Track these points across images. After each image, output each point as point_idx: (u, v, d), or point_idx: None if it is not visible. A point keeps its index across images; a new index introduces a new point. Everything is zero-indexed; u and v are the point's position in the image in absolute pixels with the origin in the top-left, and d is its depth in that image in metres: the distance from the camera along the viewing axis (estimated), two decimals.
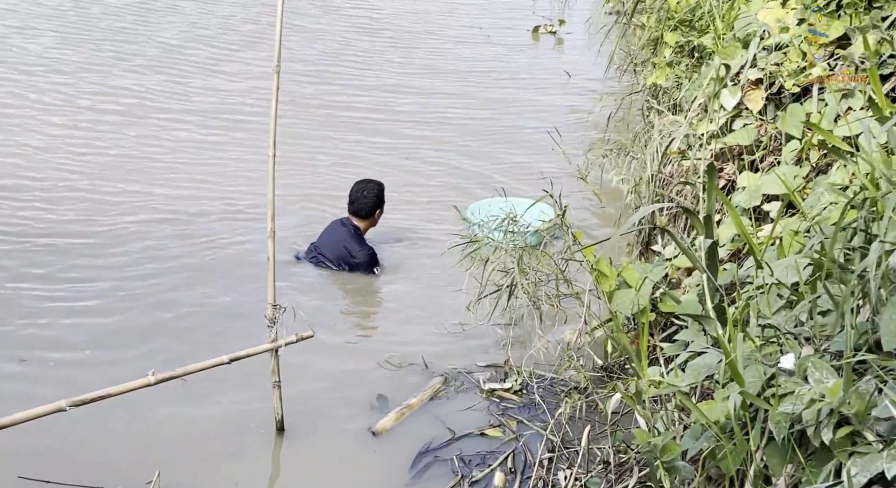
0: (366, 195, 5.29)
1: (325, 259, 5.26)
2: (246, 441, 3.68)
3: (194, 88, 8.16)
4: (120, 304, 4.67)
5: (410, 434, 3.74)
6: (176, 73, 8.48)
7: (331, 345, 4.32)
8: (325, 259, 5.26)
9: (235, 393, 3.93)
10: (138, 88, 7.97)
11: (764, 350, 2.47)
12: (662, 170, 4.69)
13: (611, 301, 3.81)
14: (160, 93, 7.96)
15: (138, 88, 7.97)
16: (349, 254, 5.21)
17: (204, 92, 8.09)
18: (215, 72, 8.65)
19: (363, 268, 5.22)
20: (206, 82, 8.34)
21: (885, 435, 1.93)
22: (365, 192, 5.29)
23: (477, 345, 4.40)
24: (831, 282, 2.37)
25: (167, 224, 5.63)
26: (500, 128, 7.81)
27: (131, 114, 7.40)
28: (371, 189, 5.32)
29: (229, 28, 10.07)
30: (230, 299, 4.81)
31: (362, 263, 5.21)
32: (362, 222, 5.34)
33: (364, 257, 5.21)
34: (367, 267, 5.22)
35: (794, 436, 2.17)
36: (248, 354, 3.44)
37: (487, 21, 11.51)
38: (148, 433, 3.68)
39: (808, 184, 3.57)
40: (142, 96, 7.83)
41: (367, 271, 5.23)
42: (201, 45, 9.40)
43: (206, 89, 8.17)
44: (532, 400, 3.94)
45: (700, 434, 2.53)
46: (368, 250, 5.26)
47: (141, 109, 7.53)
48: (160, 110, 7.55)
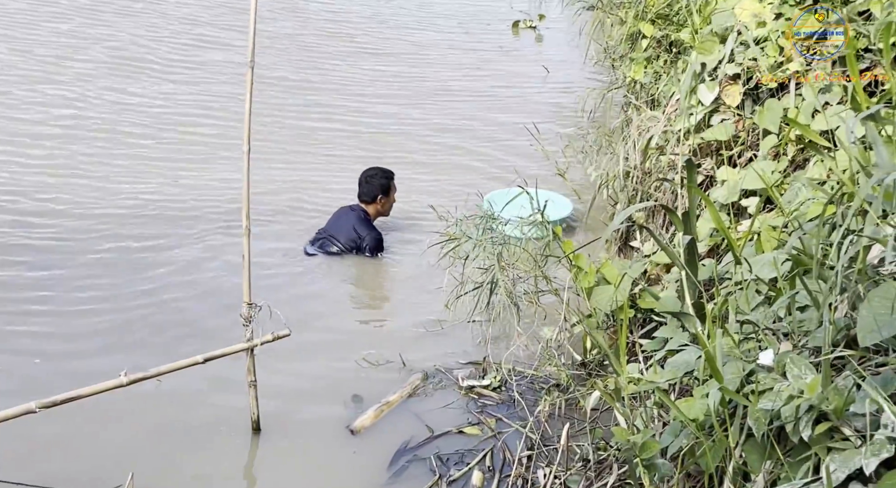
0: (371, 180, 5.56)
1: (334, 242, 5.42)
2: (221, 442, 3.64)
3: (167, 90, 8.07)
4: (92, 304, 4.62)
5: (389, 432, 3.72)
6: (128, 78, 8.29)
7: (308, 344, 4.28)
8: (335, 241, 5.41)
9: (210, 393, 3.89)
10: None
11: (743, 346, 2.48)
12: (640, 166, 4.70)
13: (590, 298, 3.82)
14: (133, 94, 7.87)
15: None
16: (358, 236, 5.40)
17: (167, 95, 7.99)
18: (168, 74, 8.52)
19: (369, 251, 5.41)
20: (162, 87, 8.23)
21: (863, 431, 1.94)
22: (370, 178, 5.57)
23: (455, 343, 4.39)
24: (809, 277, 2.38)
25: (132, 220, 5.59)
26: (478, 123, 7.79)
27: (80, 117, 7.25)
28: (377, 175, 5.59)
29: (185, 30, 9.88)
30: (206, 297, 4.77)
31: (369, 245, 5.40)
32: (369, 207, 5.58)
33: (371, 240, 5.41)
34: (373, 250, 5.42)
35: (773, 433, 2.18)
36: (223, 353, 3.41)
37: (465, 15, 11.48)
38: (121, 434, 3.64)
39: (786, 180, 3.60)
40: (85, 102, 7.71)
41: (372, 255, 5.41)
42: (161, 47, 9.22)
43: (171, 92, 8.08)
44: (511, 398, 3.94)
45: (679, 431, 2.54)
46: (376, 234, 5.47)
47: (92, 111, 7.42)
48: (114, 113, 7.40)
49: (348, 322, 4.78)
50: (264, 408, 3.66)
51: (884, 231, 2.13)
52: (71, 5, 9.94)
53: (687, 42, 5.00)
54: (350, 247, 5.40)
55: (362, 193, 5.58)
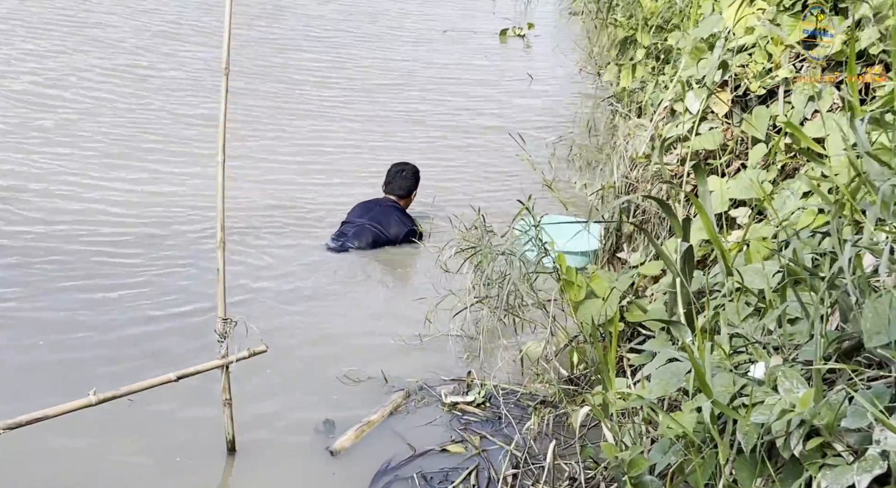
0: (404, 175, 5.84)
1: (382, 231, 5.58)
2: (195, 463, 3.58)
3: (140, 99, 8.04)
4: (57, 316, 4.57)
5: (370, 452, 3.68)
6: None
7: (286, 360, 4.25)
8: (383, 231, 5.58)
9: (183, 412, 3.84)
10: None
11: (733, 359, 2.47)
12: (629, 175, 4.70)
13: (577, 311, 3.81)
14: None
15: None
16: (402, 223, 5.66)
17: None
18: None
19: (413, 235, 5.70)
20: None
21: (855, 447, 1.93)
22: (404, 172, 5.84)
23: (438, 357, 4.36)
24: (801, 288, 2.37)
25: (105, 227, 5.57)
26: (462, 132, 7.82)
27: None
28: (411, 169, 5.88)
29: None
30: (179, 313, 4.72)
31: (412, 230, 5.69)
32: (401, 200, 5.85)
33: (415, 230, 5.71)
34: (414, 234, 5.71)
35: (764, 449, 2.17)
36: (196, 371, 3.36)
37: (448, 23, 11.53)
38: (90, 456, 3.57)
39: (775, 189, 3.60)
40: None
41: (414, 237, 5.69)
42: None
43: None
44: (496, 414, 3.91)
45: (668, 447, 2.52)
46: (417, 225, 5.79)
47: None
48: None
49: (329, 336, 4.73)
50: (240, 428, 3.60)
51: (878, 238, 2.13)
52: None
53: (676, 48, 5.02)
54: (396, 238, 5.61)
55: (396, 187, 5.81)
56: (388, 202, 5.77)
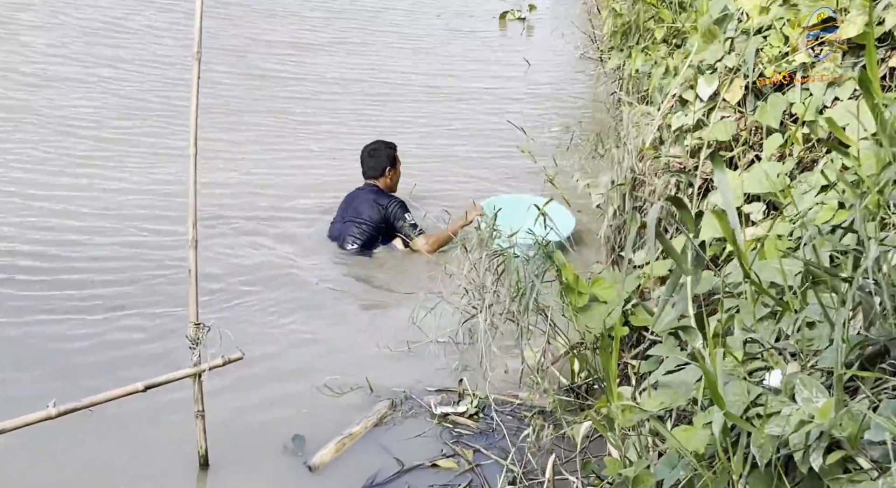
0: (375, 154, 5.80)
1: (358, 222, 5.58)
2: (164, 479, 3.56)
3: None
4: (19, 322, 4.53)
5: (352, 467, 3.66)
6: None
7: (263, 368, 4.22)
8: (359, 222, 5.57)
9: (152, 424, 3.81)
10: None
11: (748, 366, 2.45)
12: (635, 168, 4.67)
13: (578, 317, 3.78)
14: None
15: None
16: (381, 206, 5.61)
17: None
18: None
19: (399, 216, 5.60)
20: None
21: (880, 461, 1.91)
22: (374, 151, 5.81)
23: (427, 365, 4.33)
24: (821, 290, 2.35)
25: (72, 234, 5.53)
26: (460, 121, 7.82)
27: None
28: (380, 147, 5.83)
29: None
30: (149, 318, 4.70)
31: (395, 213, 5.60)
32: (378, 181, 5.80)
33: (397, 205, 5.64)
34: (401, 211, 5.61)
35: (781, 463, 2.15)
36: (166, 380, 3.34)
37: (447, 5, 11.52)
38: (51, 473, 3.55)
39: (792, 182, 3.58)
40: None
41: (404, 223, 5.56)
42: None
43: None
44: (490, 426, 3.89)
45: (676, 462, 2.50)
46: (398, 199, 5.72)
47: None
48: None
49: (309, 343, 4.71)
50: (213, 441, 3.57)
51: None
52: None
53: (688, 30, 4.99)
54: (377, 223, 5.58)
55: (369, 169, 5.79)
56: (366, 188, 5.79)
